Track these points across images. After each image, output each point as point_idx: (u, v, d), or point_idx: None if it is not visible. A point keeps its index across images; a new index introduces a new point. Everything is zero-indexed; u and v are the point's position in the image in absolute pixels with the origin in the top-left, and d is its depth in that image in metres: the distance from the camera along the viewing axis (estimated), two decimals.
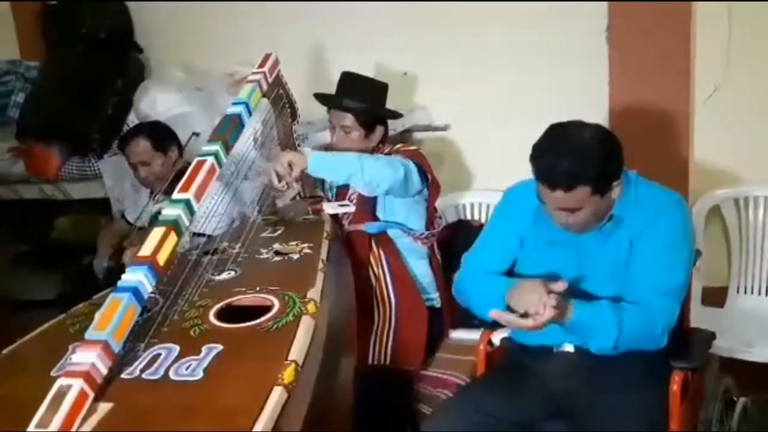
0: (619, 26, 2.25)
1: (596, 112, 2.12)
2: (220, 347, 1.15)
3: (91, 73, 2.79)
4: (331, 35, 2.63)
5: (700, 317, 1.84)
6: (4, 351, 1.29)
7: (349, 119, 1.92)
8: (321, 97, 2.01)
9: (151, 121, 2.44)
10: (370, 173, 1.74)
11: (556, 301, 1.32)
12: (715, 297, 2.19)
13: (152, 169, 2.19)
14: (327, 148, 2.00)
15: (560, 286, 1.37)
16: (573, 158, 1.33)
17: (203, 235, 1.76)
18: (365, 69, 2.07)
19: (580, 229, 1.44)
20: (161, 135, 2.23)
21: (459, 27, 2.46)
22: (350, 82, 1.98)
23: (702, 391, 1.56)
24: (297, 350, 1.12)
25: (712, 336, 1.56)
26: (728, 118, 2.24)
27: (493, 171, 2.45)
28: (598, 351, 1.42)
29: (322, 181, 2.05)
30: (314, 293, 1.33)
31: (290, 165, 1.69)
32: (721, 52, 2.19)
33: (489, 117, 2.45)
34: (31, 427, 0.97)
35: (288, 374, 1.05)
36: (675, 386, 1.40)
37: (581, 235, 1.46)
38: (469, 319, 1.85)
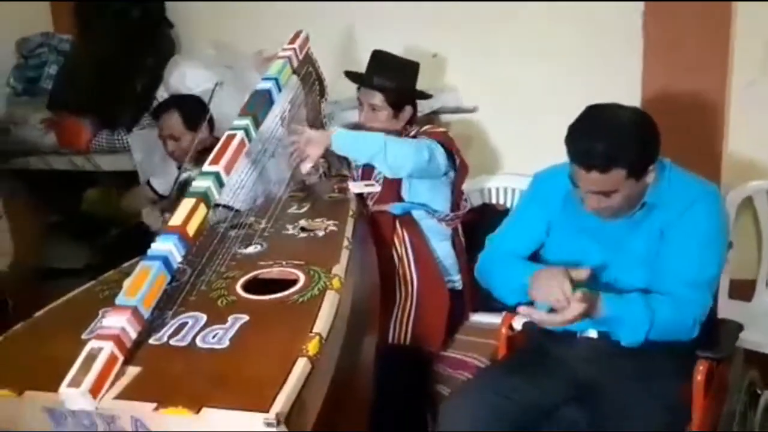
0: (656, 12, 2.20)
1: (629, 99, 2.08)
2: (246, 318, 1.16)
3: (123, 48, 2.81)
4: (361, 14, 2.62)
5: (727, 310, 1.81)
6: (36, 314, 1.32)
7: (378, 98, 1.92)
8: (351, 75, 2.01)
9: (188, 95, 2.43)
10: (394, 155, 1.74)
11: (582, 294, 1.30)
12: (743, 290, 2.15)
13: (180, 145, 2.21)
14: (355, 126, 2.00)
15: (583, 273, 1.35)
16: (610, 140, 1.31)
17: (228, 207, 1.78)
18: (395, 48, 2.05)
19: (612, 215, 1.42)
20: (195, 112, 2.22)
21: (491, 9, 2.43)
22: (381, 60, 1.97)
23: (726, 383, 1.54)
24: (322, 323, 1.13)
25: (740, 327, 1.53)
26: (765, 108, 2.19)
27: (520, 155, 2.43)
28: (628, 344, 1.40)
29: (348, 161, 2.06)
30: (339, 269, 1.34)
31: (308, 143, 1.70)
32: (760, 40, 2.13)
33: (518, 101, 2.42)
34: (63, 386, 1.00)
35: (312, 346, 1.06)
36: (700, 376, 1.39)
37: (611, 223, 1.44)
38: (490, 302, 1.85)
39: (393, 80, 1.93)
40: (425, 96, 2.04)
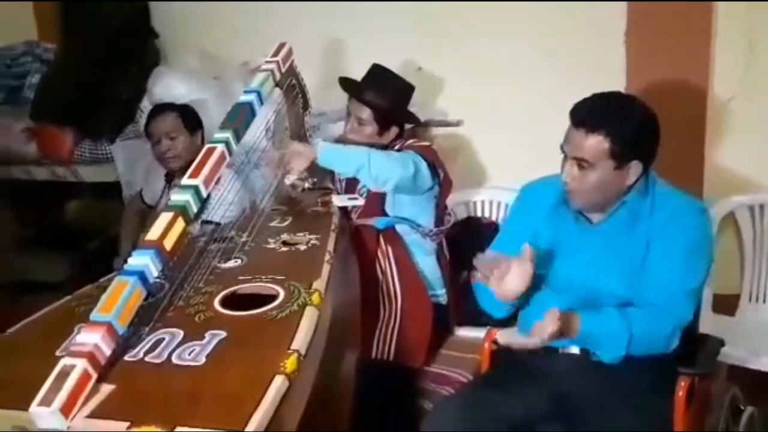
0: (638, 28, 2.21)
1: None
2: (223, 334, 1.15)
3: (108, 58, 2.80)
4: (348, 27, 2.62)
5: (710, 325, 1.81)
6: (10, 330, 1.30)
7: (366, 113, 1.91)
8: (345, 84, 1.99)
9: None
10: (378, 168, 1.73)
11: (554, 314, 1.31)
12: (727, 305, 2.15)
13: (175, 145, 2.14)
14: (339, 139, 1.99)
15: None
16: (614, 111, 1.36)
17: (212, 222, 1.76)
18: (380, 61, 2.06)
19: (583, 199, 1.42)
20: (192, 115, 2.23)
21: (476, 23, 2.44)
22: (378, 75, 1.96)
23: (709, 398, 1.54)
24: (300, 340, 1.12)
25: (721, 343, 1.53)
26: (746, 123, 2.21)
27: (505, 169, 2.44)
28: (610, 360, 1.40)
29: (333, 174, 2.05)
30: (320, 284, 1.33)
31: (293, 156, 1.70)
32: (742, 55, 2.15)
33: (503, 115, 2.42)
34: (34, 405, 0.97)
35: (290, 363, 1.05)
36: (681, 392, 1.38)
37: (594, 233, 1.45)
38: (475, 317, 1.84)
39: (384, 99, 1.91)
40: (415, 119, 2.03)
